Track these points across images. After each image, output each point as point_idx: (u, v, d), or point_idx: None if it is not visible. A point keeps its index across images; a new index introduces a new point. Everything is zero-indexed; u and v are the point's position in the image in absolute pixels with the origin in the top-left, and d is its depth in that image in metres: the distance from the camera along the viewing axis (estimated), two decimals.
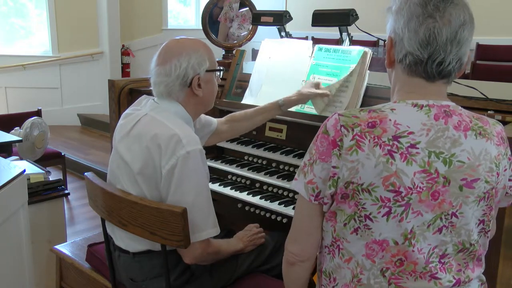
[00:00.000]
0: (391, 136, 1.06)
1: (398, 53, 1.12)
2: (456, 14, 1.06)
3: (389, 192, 1.05)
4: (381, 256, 1.11)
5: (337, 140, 1.08)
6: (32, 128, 3.85)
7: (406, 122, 1.07)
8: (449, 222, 1.09)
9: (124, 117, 1.70)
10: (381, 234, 1.09)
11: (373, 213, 1.08)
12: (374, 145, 1.06)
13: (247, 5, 2.76)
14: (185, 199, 1.52)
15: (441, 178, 1.06)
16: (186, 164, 1.50)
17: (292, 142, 2.24)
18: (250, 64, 2.52)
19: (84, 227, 3.82)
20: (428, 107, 1.09)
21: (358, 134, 1.07)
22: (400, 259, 1.10)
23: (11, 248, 2.06)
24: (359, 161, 1.06)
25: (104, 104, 6.42)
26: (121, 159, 1.64)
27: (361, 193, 1.07)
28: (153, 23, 7.57)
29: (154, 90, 1.66)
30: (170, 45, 1.65)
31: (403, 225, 1.07)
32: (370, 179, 1.06)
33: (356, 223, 1.11)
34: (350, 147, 1.07)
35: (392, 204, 1.06)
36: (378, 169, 1.05)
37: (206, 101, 1.72)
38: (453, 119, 1.09)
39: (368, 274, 1.13)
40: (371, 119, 1.08)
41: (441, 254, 1.11)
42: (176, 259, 1.66)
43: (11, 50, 6.73)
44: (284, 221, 1.96)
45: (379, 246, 1.10)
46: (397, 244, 1.09)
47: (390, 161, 1.05)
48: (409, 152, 1.05)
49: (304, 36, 5.84)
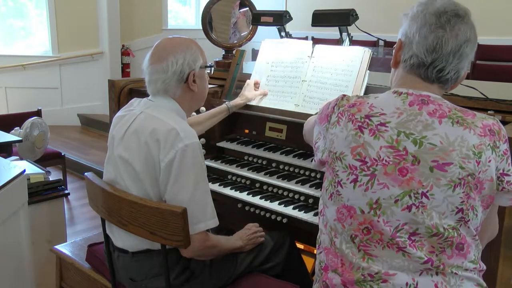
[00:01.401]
0: (364, 115, 1.22)
1: (405, 54, 1.24)
2: (463, 30, 1.19)
3: (356, 161, 1.20)
4: (350, 223, 1.22)
5: (329, 116, 1.30)
6: (32, 128, 3.85)
7: (381, 105, 1.22)
8: (420, 202, 1.15)
9: (118, 120, 1.71)
10: (349, 199, 1.22)
11: (343, 179, 1.22)
12: (348, 120, 1.23)
13: (247, 5, 2.76)
14: (184, 192, 1.54)
15: (410, 156, 1.15)
16: (184, 157, 1.53)
17: (292, 142, 2.24)
18: (250, 64, 2.52)
19: (84, 227, 3.82)
20: (407, 94, 1.22)
21: (340, 113, 1.26)
22: (367, 227, 1.20)
23: (11, 248, 2.06)
24: (335, 133, 1.25)
25: (104, 104, 6.42)
26: (121, 160, 1.64)
27: (336, 161, 1.24)
28: (153, 23, 7.57)
29: (150, 88, 1.70)
30: (163, 43, 1.70)
31: (369, 194, 1.18)
32: (341, 149, 1.22)
33: (332, 189, 1.26)
34: (333, 123, 1.27)
35: (358, 173, 1.19)
36: (347, 140, 1.21)
37: (200, 97, 1.79)
38: (429, 107, 1.19)
39: (340, 238, 1.25)
40: (354, 102, 1.26)
41: (412, 232, 1.16)
42: (176, 258, 1.66)
43: (11, 50, 6.73)
44: (284, 221, 1.96)
45: (347, 211, 1.22)
46: (363, 213, 1.20)
47: (359, 134, 1.20)
48: (377, 129, 1.19)
49: (304, 36, 5.84)
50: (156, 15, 7.61)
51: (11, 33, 6.84)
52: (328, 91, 2.09)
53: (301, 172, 2.10)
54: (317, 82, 2.13)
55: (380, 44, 5.50)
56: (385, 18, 6.47)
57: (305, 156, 2.12)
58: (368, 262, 1.20)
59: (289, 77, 2.23)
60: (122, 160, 1.64)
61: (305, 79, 2.17)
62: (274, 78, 2.28)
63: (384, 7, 6.47)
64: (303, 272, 2.02)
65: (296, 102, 2.16)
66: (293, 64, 2.24)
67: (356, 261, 1.21)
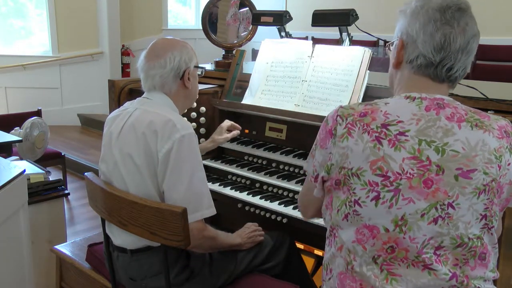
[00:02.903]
0: (380, 124, 1.11)
1: (410, 54, 1.17)
2: (470, 25, 1.13)
3: (376, 176, 1.09)
4: (372, 244, 1.12)
5: (333, 129, 1.16)
6: (32, 128, 3.85)
7: (396, 112, 1.12)
8: (446, 213, 1.08)
9: (113, 120, 1.74)
10: (370, 219, 1.11)
11: (361, 197, 1.11)
12: (362, 131, 1.11)
13: (247, 5, 2.76)
14: (181, 181, 1.57)
15: (433, 166, 1.07)
16: (181, 147, 1.57)
17: (292, 142, 2.24)
18: (250, 64, 2.53)
19: (84, 227, 3.82)
20: (420, 99, 1.14)
21: (350, 123, 1.14)
22: (392, 246, 1.11)
23: (11, 248, 2.06)
24: (349, 147, 1.12)
25: (104, 104, 6.42)
26: (121, 155, 1.65)
27: (351, 177, 1.12)
28: (153, 23, 7.57)
29: (147, 84, 1.74)
30: (160, 42, 1.77)
31: (393, 211, 1.09)
32: (359, 164, 1.11)
33: (347, 209, 1.14)
34: (342, 135, 1.14)
35: (380, 189, 1.09)
36: (365, 154, 1.10)
37: (193, 95, 1.85)
38: (446, 111, 1.12)
39: (360, 260, 1.14)
40: (364, 110, 1.15)
41: (437, 246, 1.10)
42: (175, 256, 1.67)
43: (11, 50, 6.73)
44: (284, 221, 1.96)
45: (369, 232, 1.12)
46: (387, 231, 1.10)
47: (378, 147, 1.09)
48: (397, 139, 1.09)
49: (304, 36, 5.84)
50: (156, 15, 7.62)
51: (11, 33, 6.84)
52: (328, 91, 2.09)
53: (301, 172, 2.10)
54: (317, 82, 2.13)
55: (380, 44, 5.49)
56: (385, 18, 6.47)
57: (305, 156, 2.12)
58: (392, 283, 1.12)
59: (289, 77, 2.23)
60: (122, 155, 1.65)
61: (305, 79, 2.17)
62: (274, 78, 2.28)
63: (384, 7, 6.47)
64: (303, 272, 2.03)
65: (296, 102, 2.16)
66: (293, 64, 2.24)
67: (379, 283, 1.12)
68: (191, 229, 1.54)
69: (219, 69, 2.67)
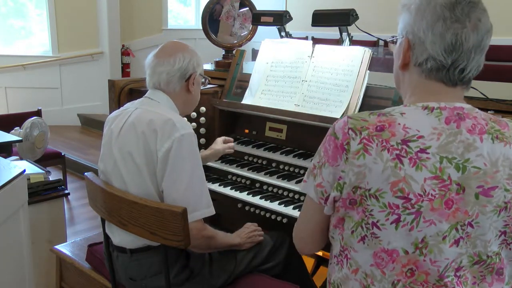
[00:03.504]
0: (400, 140, 1.01)
1: (418, 56, 1.07)
2: (483, 20, 1.03)
3: (397, 198, 1.01)
4: (392, 268, 1.06)
5: (344, 143, 1.05)
6: (32, 128, 3.85)
7: (415, 126, 1.03)
8: (465, 232, 1.02)
9: (113, 120, 1.74)
10: (389, 243, 1.04)
11: (380, 220, 1.03)
12: (382, 149, 1.01)
13: (247, 5, 2.76)
14: (180, 180, 1.57)
15: (454, 185, 1.00)
16: (181, 146, 1.58)
17: (292, 142, 2.24)
18: (250, 64, 2.52)
19: (84, 227, 3.82)
20: (440, 109, 1.04)
21: (366, 138, 1.03)
22: (411, 269, 1.05)
23: (11, 248, 2.06)
24: (366, 165, 1.02)
25: (104, 104, 6.42)
26: (121, 154, 1.66)
27: (369, 199, 1.03)
28: (153, 23, 7.57)
29: (153, 80, 1.75)
30: (172, 43, 1.80)
31: (414, 234, 1.02)
32: (378, 185, 1.02)
33: (363, 231, 1.06)
34: (357, 151, 1.03)
35: (401, 212, 1.01)
36: (385, 174, 1.01)
37: (194, 101, 1.87)
38: (466, 122, 1.03)
39: (379, 286, 1.08)
40: (379, 123, 1.04)
41: (457, 267, 1.05)
42: (175, 256, 1.67)
43: (11, 50, 6.73)
44: (284, 221, 1.96)
45: (388, 256, 1.06)
46: (407, 254, 1.04)
47: (399, 166, 1.00)
48: (418, 157, 1.00)
49: (304, 36, 5.83)
50: (156, 15, 7.61)
51: (11, 33, 6.84)
52: (328, 91, 2.09)
53: (301, 172, 2.10)
54: (317, 82, 2.13)
55: (380, 44, 5.50)
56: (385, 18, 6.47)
57: (305, 156, 2.12)
58: None
59: (289, 77, 2.23)
60: (122, 154, 1.65)
61: (305, 79, 2.17)
62: (274, 78, 2.28)
63: (384, 7, 6.47)
64: (303, 272, 2.03)
65: (296, 102, 2.16)
66: (293, 64, 2.24)
67: None
68: (190, 229, 1.54)
69: (219, 69, 2.67)
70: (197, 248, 1.67)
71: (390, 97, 1.94)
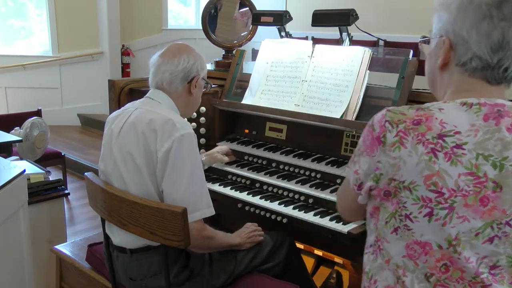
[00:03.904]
0: (435, 134, 1.01)
1: (461, 56, 1.06)
2: None
3: (430, 192, 1.01)
4: (425, 260, 1.06)
5: (381, 136, 1.06)
6: (32, 128, 3.85)
7: (453, 121, 1.02)
8: (503, 232, 1.02)
9: (114, 119, 1.75)
10: (422, 235, 1.05)
11: (413, 212, 1.04)
12: (417, 142, 1.02)
13: (247, 5, 2.76)
14: (180, 180, 1.57)
15: (490, 183, 1.00)
16: (181, 146, 1.58)
17: (292, 142, 2.24)
18: (250, 64, 2.53)
19: (84, 227, 3.82)
20: (479, 105, 1.03)
21: (402, 131, 1.03)
22: (445, 264, 1.05)
23: (11, 248, 2.06)
24: (401, 158, 1.03)
25: (104, 104, 6.42)
26: (121, 154, 1.66)
27: (402, 190, 1.04)
28: (153, 23, 7.57)
29: (156, 79, 1.76)
30: (178, 44, 1.82)
31: (447, 229, 1.02)
32: (412, 177, 1.02)
33: (396, 222, 1.08)
34: (393, 143, 1.04)
35: (434, 206, 1.02)
36: (419, 167, 1.01)
37: (194, 104, 1.88)
38: (506, 120, 1.02)
39: (411, 276, 1.08)
40: (417, 117, 1.04)
41: (492, 265, 1.04)
42: (175, 256, 1.67)
43: (11, 50, 6.73)
44: (284, 221, 1.96)
45: (421, 248, 1.06)
46: (440, 248, 1.04)
47: (433, 160, 1.00)
48: (454, 152, 1.00)
49: (304, 36, 5.84)
50: (156, 15, 7.61)
51: (11, 33, 6.84)
52: (328, 91, 2.09)
53: (301, 172, 2.11)
54: (317, 82, 2.13)
55: (380, 44, 5.50)
56: (385, 18, 6.47)
57: (305, 156, 2.12)
58: None
59: (289, 77, 2.23)
60: (122, 154, 1.65)
61: (305, 79, 2.17)
62: (274, 78, 2.28)
63: (384, 7, 6.47)
64: (303, 272, 2.03)
65: (296, 102, 2.16)
66: (293, 64, 2.24)
67: None
68: (190, 229, 1.54)
69: (219, 69, 2.67)
70: (197, 248, 1.67)
71: (390, 97, 1.94)
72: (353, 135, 2.05)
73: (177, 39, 6.29)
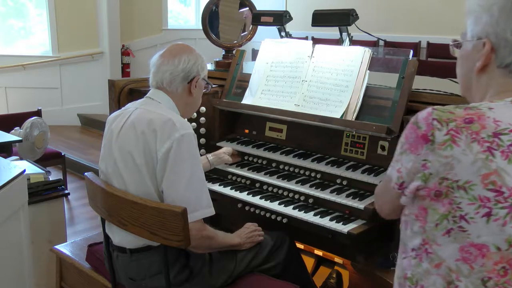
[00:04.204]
0: (491, 132, 0.99)
1: (505, 57, 1.05)
2: None
3: (489, 191, 0.98)
4: (481, 264, 1.02)
5: (429, 134, 1.02)
6: (32, 128, 3.85)
7: (507, 119, 1.00)
8: None
9: (114, 119, 1.75)
10: (479, 236, 1.01)
11: (469, 213, 1.00)
12: (471, 140, 0.99)
13: (247, 5, 2.76)
14: (180, 180, 1.58)
15: None
16: (180, 146, 1.58)
17: (292, 142, 2.24)
18: (250, 64, 2.53)
19: (84, 227, 3.82)
20: None
21: (453, 129, 1.00)
22: (504, 267, 1.01)
23: (11, 248, 2.06)
24: (454, 156, 1.00)
25: (104, 104, 6.42)
26: (121, 154, 1.66)
27: (456, 190, 1.01)
28: (153, 23, 7.57)
29: (156, 78, 1.76)
30: (179, 45, 1.82)
31: (507, 230, 0.99)
32: (467, 177, 0.99)
33: (450, 224, 1.03)
34: (443, 142, 1.01)
35: (493, 205, 0.99)
36: (476, 166, 0.98)
37: (194, 105, 1.88)
38: None
39: (466, 281, 1.04)
40: (468, 116, 1.01)
41: None
42: (175, 256, 1.67)
43: (11, 50, 6.73)
44: (284, 221, 1.96)
45: (477, 251, 1.02)
46: (499, 250, 1.00)
47: (490, 159, 0.98)
48: (511, 151, 0.98)
49: (304, 36, 5.85)
50: (156, 15, 7.62)
51: (11, 33, 6.84)
52: (328, 91, 2.09)
53: (301, 172, 2.11)
54: (317, 82, 2.13)
55: (380, 44, 5.50)
56: (385, 18, 6.48)
57: (305, 156, 2.12)
58: None
59: (289, 77, 2.23)
60: (122, 154, 1.65)
61: (305, 79, 2.17)
62: (274, 78, 2.28)
63: (384, 7, 6.47)
64: (303, 272, 2.03)
65: (296, 102, 2.16)
66: (293, 64, 2.24)
67: None
68: (190, 229, 1.54)
69: (219, 69, 2.67)
70: (197, 248, 1.67)
71: (390, 97, 1.94)
72: (353, 135, 2.05)
73: (177, 39, 6.31)
